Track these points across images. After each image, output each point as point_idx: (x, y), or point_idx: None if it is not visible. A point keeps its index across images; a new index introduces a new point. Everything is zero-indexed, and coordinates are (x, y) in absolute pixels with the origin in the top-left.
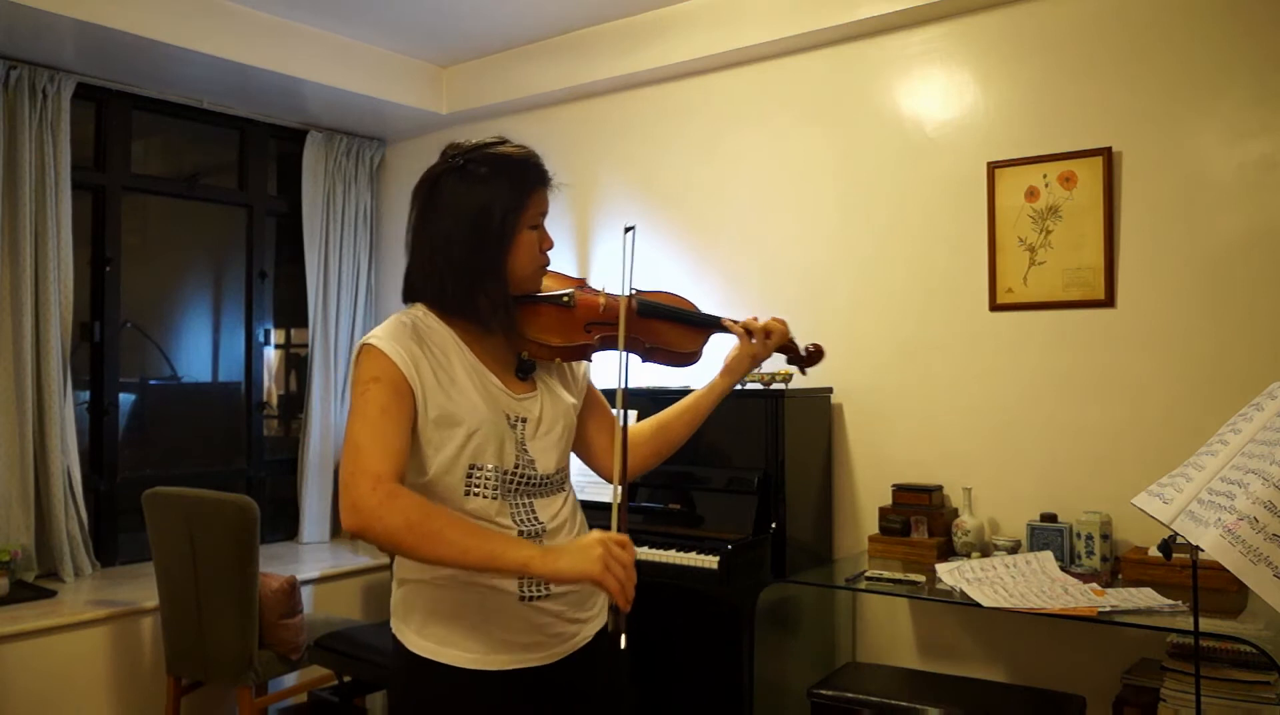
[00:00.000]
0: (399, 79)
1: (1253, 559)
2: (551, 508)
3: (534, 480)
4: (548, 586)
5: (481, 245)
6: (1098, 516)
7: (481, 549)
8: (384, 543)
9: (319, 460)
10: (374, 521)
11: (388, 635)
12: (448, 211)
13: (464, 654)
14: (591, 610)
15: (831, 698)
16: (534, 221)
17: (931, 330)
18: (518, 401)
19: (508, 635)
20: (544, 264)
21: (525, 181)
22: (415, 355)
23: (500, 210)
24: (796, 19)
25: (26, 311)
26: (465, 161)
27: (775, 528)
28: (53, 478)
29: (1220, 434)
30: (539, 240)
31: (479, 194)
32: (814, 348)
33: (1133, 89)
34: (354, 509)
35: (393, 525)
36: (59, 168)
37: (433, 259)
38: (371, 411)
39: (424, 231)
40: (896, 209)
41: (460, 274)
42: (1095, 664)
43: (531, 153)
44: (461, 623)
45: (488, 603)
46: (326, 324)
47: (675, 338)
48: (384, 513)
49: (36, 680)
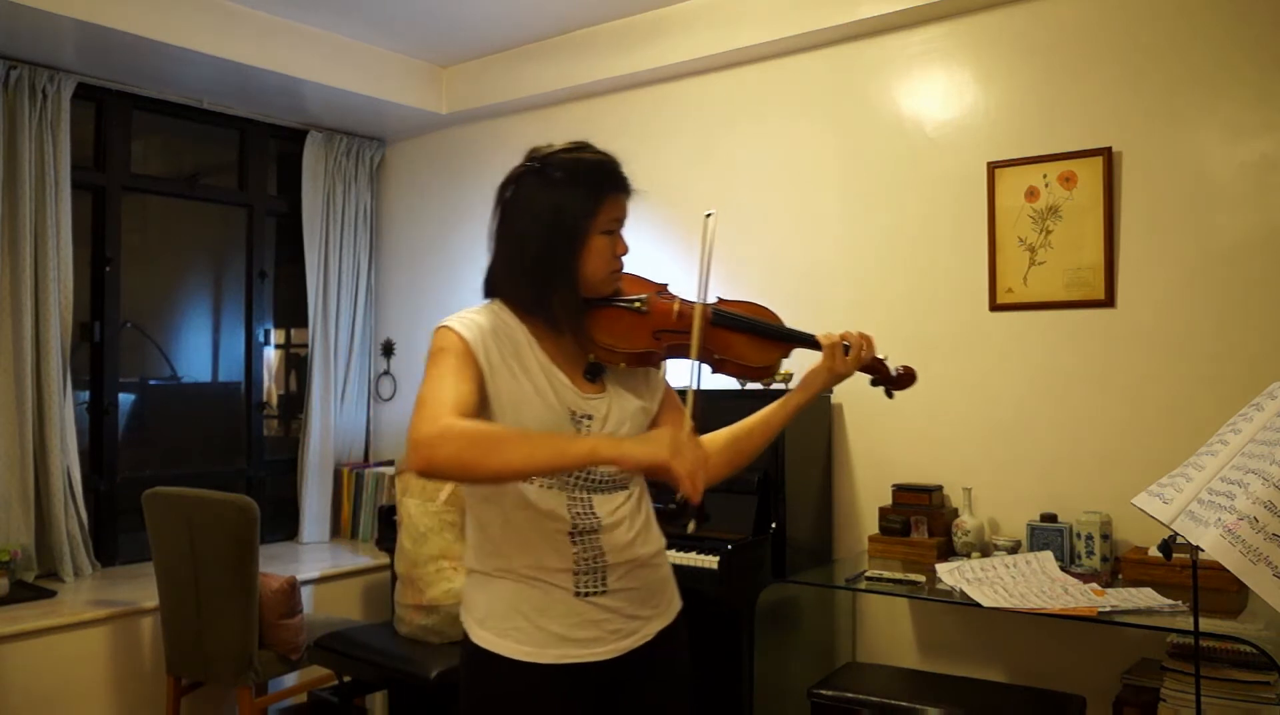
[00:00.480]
0: (399, 79)
1: (1253, 559)
2: (610, 504)
3: (594, 477)
4: (604, 583)
5: (554, 247)
6: (1098, 516)
7: (546, 447)
8: (453, 468)
9: (319, 460)
10: (435, 449)
11: (388, 635)
12: (524, 212)
13: (519, 646)
14: (654, 608)
15: (831, 698)
16: (607, 227)
17: (931, 330)
18: (584, 400)
19: (563, 630)
20: (617, 269)
21: (600, 187)
22: (486, 338)
23: (573, 214)
24: (796, 19)
25: (26, 311)
26: (543, 165)
27: (775, 528)
28: (53, 478)
29: (1220, 434)
30: (612, 246)
31: (553, 197)
32: (905, 370)
33: (1133, 89)
34: (414, 446)
35: (453, 446)
36: (59, 168)
37: (508, 258)
38: (436, 373)
39: (501, 231)
40: (896, 209)
41: (533, 274)
42: (1095, 664)
43: (610, 159)
44: (518, 616)
45: (544, 597)
46: (326, 324)
47: (748, 351)
48: (441, 439)
49: (36, 680)
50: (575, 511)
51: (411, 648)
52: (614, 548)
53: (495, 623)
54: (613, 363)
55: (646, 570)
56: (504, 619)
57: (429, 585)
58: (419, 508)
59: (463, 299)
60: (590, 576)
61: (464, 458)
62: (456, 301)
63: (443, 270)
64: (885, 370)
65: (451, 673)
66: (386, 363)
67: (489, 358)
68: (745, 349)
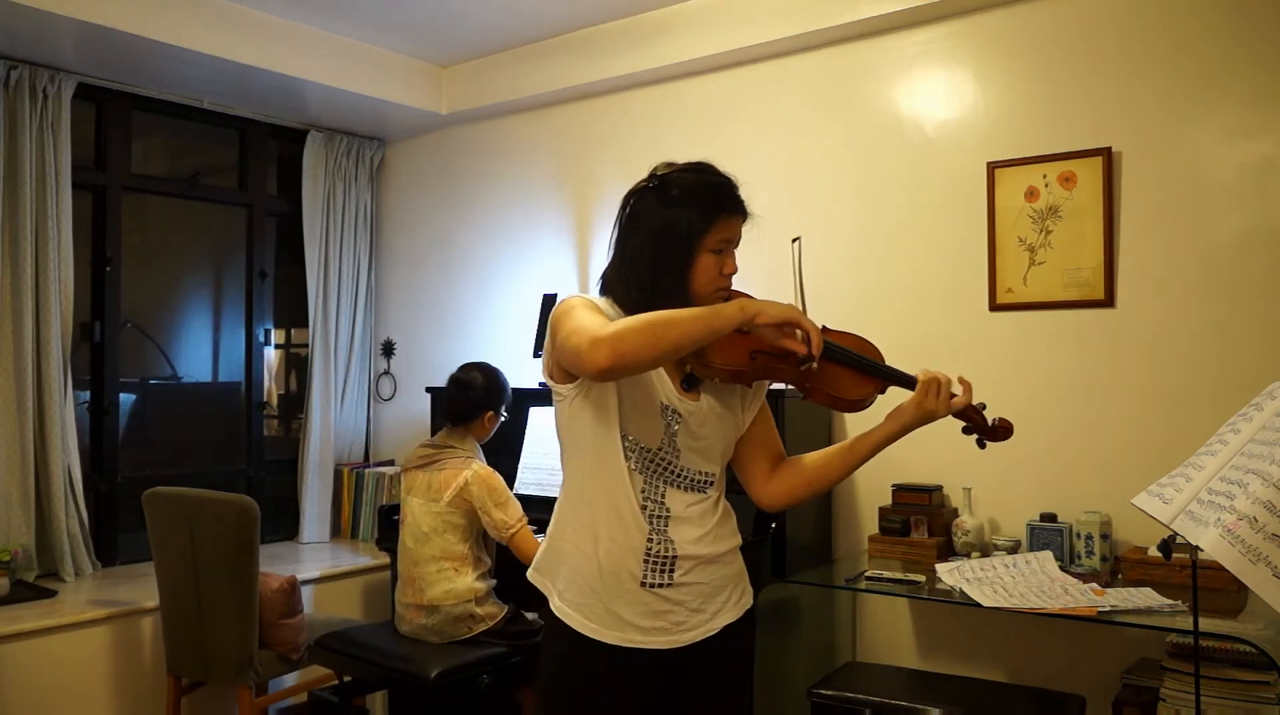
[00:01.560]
0: (399, 79)
1: (1252, 559)
2: (684, 500)
3: (673, 470)
4: (671, 576)
5: (665, 260)
6: (1097, 516)
7: (706, 315)
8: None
9: (319, 460)
10: (620, 342)
11: (388, 635)
12: (641, 225)
13: (588, 622)
14: (722, 604)
15: (831, 697)
16: (716, 246)
17: (931, 330)
18: (679, 400)
19: (629, 616)
20: (723, 287)
21: (713, 207)
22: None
23: (685, 231)
24: (796, 19)
25: (26, 311)
26: (662, 183)
27: (775, 527)
28: (53, 478)
29: (1220, 434)
30: (720, 264)
31: (669, 213)
32: (1002, 423)
33: (1133, 89)
34: (596, 344)
35: (634, 338)
36: (59, 168)
37: (622, 266)
38: (580, 316)
39: (620, 240)
40: (896, 209)
41: (644, 283)
42: (1095, 664)
43: (727, 180)
44: (590, 594)
45: (614, 582)
46: (326, 324)
47: (843, 383)
48: (620, 337)
49: (36, 680)
50: (648, 496)
51: (411, 648)
52: (683, 541)
53: (571, 596)
54: (707, 376)
55: (715, 566)
56: (578, 594)
57: (429, 585)
58: (423, 508)
59: (463, 299)
60: (658, 567)
61: (646, 344)
62: (456, 301)
63: (443, 270)
64: (981, 420)
65: (451, 672)
66: (386, 363)
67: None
68: (841, 382)
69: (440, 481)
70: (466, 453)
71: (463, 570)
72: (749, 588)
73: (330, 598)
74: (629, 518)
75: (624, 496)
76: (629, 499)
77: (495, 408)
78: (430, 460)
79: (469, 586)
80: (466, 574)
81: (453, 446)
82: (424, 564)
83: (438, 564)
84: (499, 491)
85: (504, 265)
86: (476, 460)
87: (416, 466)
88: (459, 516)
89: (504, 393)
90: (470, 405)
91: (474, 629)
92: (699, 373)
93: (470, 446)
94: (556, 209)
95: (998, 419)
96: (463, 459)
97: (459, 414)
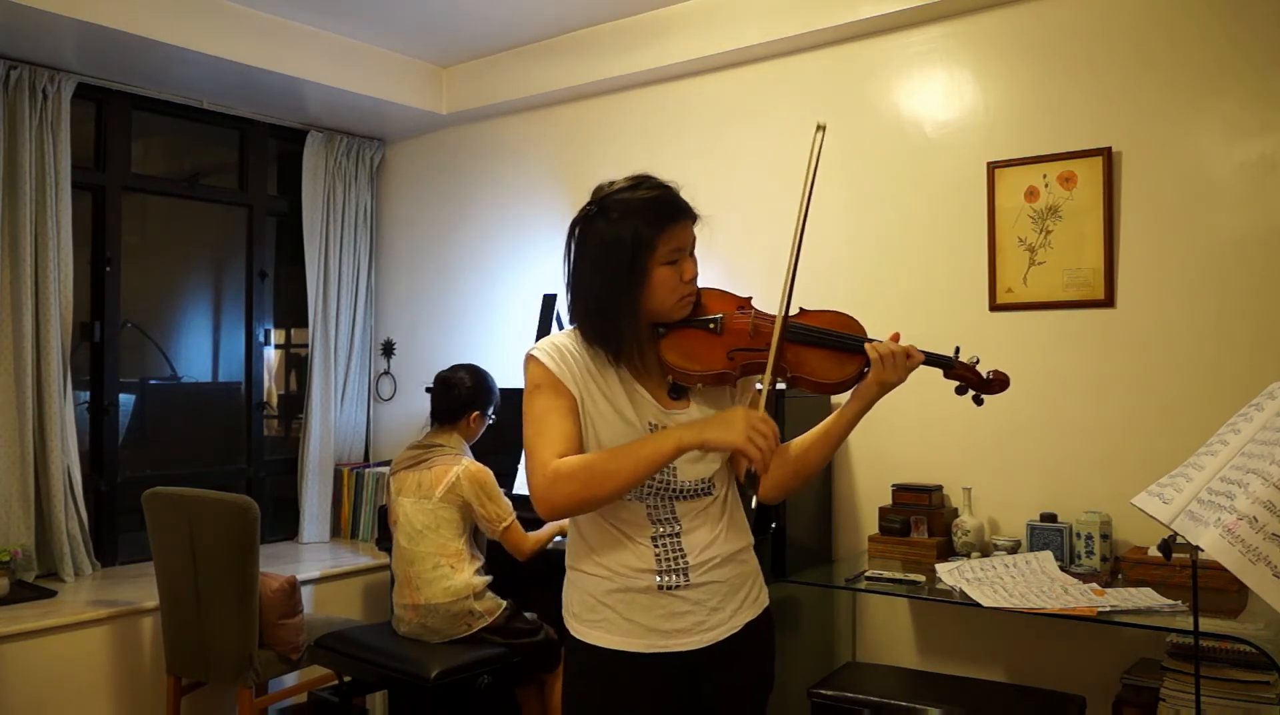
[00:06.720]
0: (399, 79)
1: (1252, 559)
2: (693, 508)
3: (673, 486)
4: (686, 576)
5: (615, 288)
6: (1097, 516)
7: (644, 457)
8: (573, 506)
9: (319, 460)
10: (552, 497)
11: (387, 635)
12: (585, 256)
13: (609, 635)
14: (741, 601)
15: (831, 697)
16: (669, 257)
17: (931, 330)
18: (666, 414)
19: (650, 621)
20: (685, 294)
21: (656, 221)
22: (569, 361)
23: (629, 253)
24: (796, 19)
25: (26, 311)
26: (600, 207)
27: (775, 527)
28: (53, 478)
29: (1220, 434)
30: (678, 274)
31: (610, 238)
32: (997, 375)
33: (1133, 89)
34: (538, 502)
35: (568, 491)
36: (59, 168)
37: (574, 300)
38: (536, 414)
39: (570, 272)
40: (896, 209)
41: (598, 314)
42: (1095, 664)
43: (666, 191)
44: (606, 608)
45: (630, 592)
46: (326, 324)
47: (823, 366)
48: (556, 488)
49: (36, 680)
50: (656, 518)
51: (411, 648)
52: (695, 547)
53: (587, 614)
54: (689, 383)
55: (730, 565)
56: (594, 611)
57: (425, 584)
58: (415, 506)
59: (463, 299)
60: (673, 573)
61: (582, 497)
62: (456, 302)
63: (443, 270)
64: (974, 375)
65: (451, 672)
66: (386, 363)
67: (575, 377)
68: (820, 364)
69: (431, 479)
70: (455, 450)
71: (459, 566)
72: (764, 586)
73: (330, 598)
74: (641, 542)
75: (633, 526)
76: (639, 528)
77: (482, 408)
78: (419, 460)
79: (466, 582)
80: (463, 570)
81: (440, 444)
82: (419, 562)
83: (433, 561)
84: (489, 486)
85: (504, 265)
86: (466, 457)
87: (406, 467)
88: (452, 512)
89: (491, 394)
90: (456, 404)
91: (474, 625)
92: (679, 380)
93: (458, 444)
94: (556, 209)
95: (992, 371)
96: (452, 456)
97: (444, 413)
